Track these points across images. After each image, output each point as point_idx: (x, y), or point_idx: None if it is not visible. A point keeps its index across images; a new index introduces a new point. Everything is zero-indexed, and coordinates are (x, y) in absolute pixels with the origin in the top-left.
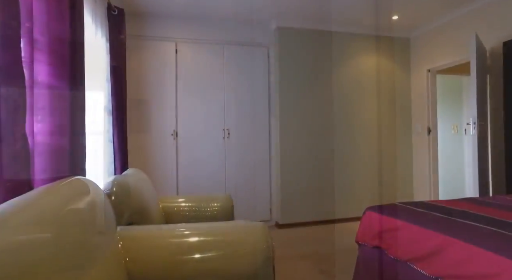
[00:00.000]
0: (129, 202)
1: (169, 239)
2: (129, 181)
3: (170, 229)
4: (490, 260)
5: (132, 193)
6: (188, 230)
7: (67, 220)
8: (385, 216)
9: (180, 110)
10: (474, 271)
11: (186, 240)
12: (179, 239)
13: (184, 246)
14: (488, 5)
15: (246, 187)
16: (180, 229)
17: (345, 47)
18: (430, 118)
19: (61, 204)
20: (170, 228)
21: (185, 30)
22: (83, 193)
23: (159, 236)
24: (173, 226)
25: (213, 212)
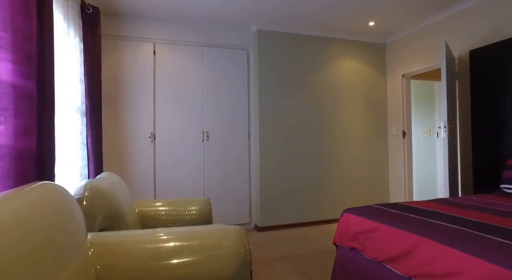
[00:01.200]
0: (102, 207)
1: (143, 244)
2: (103, 185)
3: (144, 234)
4: (458, 258)
5: (105, 197)
6: (163, 235)
7: (29, 227)
8: (361, 218)
9: (158, 112)
10: (443, 269)
11: (161, 245)
12: (154, 244)
13: (158, 252)
14: (455, 16)
15: (225, 190)
16: (154, 234)
17: (324, 51)
18: (405, 121)
19: (23, 210)
20: (145, 233)
21: (163, 31)
22: (49, 199)
23: (133, 241)
24: (148, 231)
25: (191, 216)
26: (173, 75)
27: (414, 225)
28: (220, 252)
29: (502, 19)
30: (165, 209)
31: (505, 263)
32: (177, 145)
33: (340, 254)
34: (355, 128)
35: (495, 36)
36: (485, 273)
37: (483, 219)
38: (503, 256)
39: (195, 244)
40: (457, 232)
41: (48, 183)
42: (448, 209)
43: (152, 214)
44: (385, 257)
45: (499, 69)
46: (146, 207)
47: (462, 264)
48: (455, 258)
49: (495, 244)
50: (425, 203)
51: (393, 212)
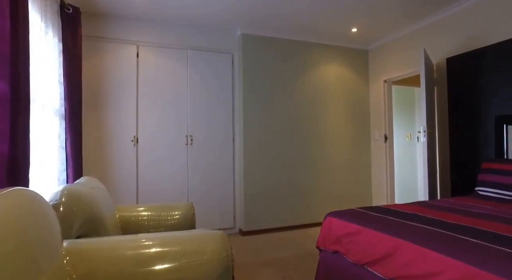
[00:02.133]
0: (80, 213)
1: (123, 251)
2: (81, 190)
3: (124, 240)
4: (435, 260)
5: (83, 202)
6: (144, 240)
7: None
8: (343, 221)
9: (141, 116)
10: (422, 270)
11: (142, 252)
12: (134, 250)
13: (139, 258)
14: (434, 25)
15: (209, 194)
16: (135, 240)
17: (308, 56)
18: (387, 126)
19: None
20: (125, 239)
21: (147, 34)
22: (20, 205)
23: (112, 248)
24: (128, 237)
25: (174, 221)
26: (157, 78)
27: (394, 228)
28: (202, 257)
29: (476, 29)
30: (147, 214)
31: (479, 264)
32: (161, 149)
33: (323, 258)
34: (338, 132)
35: (470, 45)
36: (461, 274)
37: (459, 221)
38: (477, 256)
39: (177, 250)
40: (435, 234)
41: (20, 189)
42: (427, 211)
43: (133, 219)
44: (366, 260)
45: (474, 76)
46: (127, 212)
47: (439, 265)
48: (433, 260)
49: (470, 245)
50: (406, 206)
51: (375, 216)
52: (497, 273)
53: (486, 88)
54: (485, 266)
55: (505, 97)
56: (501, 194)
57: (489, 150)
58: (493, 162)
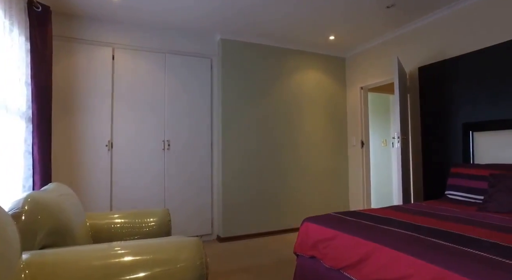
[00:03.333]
0: (45, 222)
1: (90, 261)
2: (48, 197)
3: (92, 250)
4: (407, 263)
5: (49, 211)
6: (114, 249)
7: None
8: (320, 226)
9: (116, 120)
10: (395, 274)
11: (111, 262)
12: (102, 261)
13: (108, 269)
14: (407, 35)
15: (186, 201)
16: (104, 249)
17: (287, 62)
18: (363, 132)
19: None
20: (93, 248)
21: (123, 36)
22: None
23: (78, 259)
24: (97, 246)
25: (149, 228)
26: (134, 82)
27: (369, 232)
28: (175, 265)
29: (446, 40)
30: (121, 221)
31: (448, 266)
32: (137, 154)
33: (300, 263)
34: (316, 138)
35: (440, 55)
36: (432, 276)
37: (431, 224)
38: (446, 259)
39: (149, 258)
40: (407, 237)
41: None
42: (400, 215)
43: (106, 227)
44: (342, 264)
45: (443, 85)
46: (99, 219)
47: (412, 268)
48: (405, 263)
49: (440, 248)
50: (381, 211)
51: (351, 220)
52: (465, 274)
53: (454, 97)
54: (454, 268)
55: (470, 105)
56: (468, 197)
57: (457, 155)
58: (461, 167)
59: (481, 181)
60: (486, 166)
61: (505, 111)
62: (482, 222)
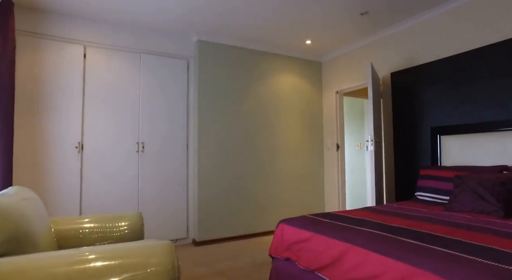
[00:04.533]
0: (2, 228)
1: (50, 269)
2: (6, 202)
3: (54, 257)
4: (378, 261)
5: (6, 217)
6: (78, 255)
7: None
8: (295, 228)
9: (88, 121)
10: (367, 273)
11: (74, 268)
12: (65, 268)
13: (71, 276)
14: (380, 41)
15: (161, 204)
16: (67, 256)
17: (264, 65)
18: (339, 135)
19: None
20: (55, 255)
21: (96, 34)
22: None
23: (37, 267)
24: (60, 252)
25: (120, 232)
26: (106, 82)
27: (343, 233)
28: (146, 270)
29: (416, 48)
30: (90, 226)
31: (417, 263)
32: (109, 156)
33: (276, 266)
34: (293, 141)
35: (411, 62)
36: (401, 274)
37: (401, 224)
38: (415, 256)
39: (117, 263)
40: (379, 237)
41: None
42: (373, 216)
43: (73, 232)
44: (317, 265)
45: (413, 90)
46: (66, 225)
47: (382, 266)
48: (377, 261)
49: (410, 246)
50: (354, 212)
51: (326, 222)
52: (429, 269)
53: (423, 101)
54: (420, 264)
55: (438, 110)
56: (436, 198)
57: (426, 157)
58: (429, 169)
59: (447, 182)
60: (451, 168)
61: (469, 116)
62: (448, 221)
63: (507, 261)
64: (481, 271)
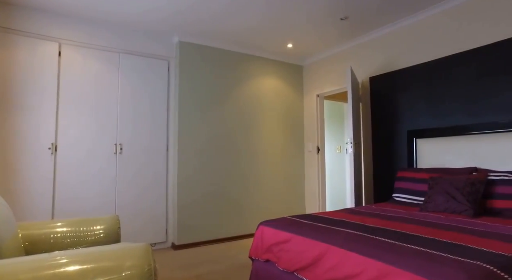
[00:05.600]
0: None
1: (16, 276)
2: None
3: (20, 262)
4: (356, 261)
5: None
6: (47, 260)
7: None
8: (275, 230)
9: (62, 121)
10: (345, 272)
11: (43, 274)
12: (32, 273)
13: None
14: (360, 46)
15: (139, 207)
16: (35, 261)
17: (246, 67)
18: (319, 138)
19: None
20: (22, 260)
21: (72, 31)
22: None
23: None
24: (27, 258)
25: (96, 236)
26: (83, 81)
27: (322, 233)
28: (120, 274)
29: (393, 53)
30: (62, 230)
31: (393, 261)
32: (85, 158)
33: (255, 268)
34: (274, 144)
35: (389, 67)
36: (378, 272)
37: (378, 224)
38: (391, 255)
39: (89, 267)
40: (357, 237)
41: None
42: (352, 217)
43: (44, 237)
44: (296, 266)
45: (391, 94)
46: (36, 229)
47: (360, 266)
48: (355, 261)
49: (386, 246)
50: (334, 213)
51: (305, 223)
52: (404, 267)
53: (400, 105)
54: (396, 262)
55: (415, 114)
56: (412, 199)
57: (403, 160)
58: (405, 171)
59: (423, 184)
60: (426, 170)
61: (442, 120)
62: (422, 221)
63: (474, 257)
64: (450, 267)
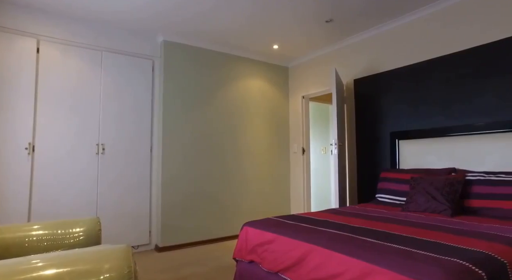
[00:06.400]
0: None
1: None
2: None
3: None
4: (340, 260)
5: None
6: (20, 264)
7: None
8: (259, 230)
9: (41, 120)
10: (328, 272)
11: (16, 279)
12: (5, 279)
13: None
14: (344, 48)
15: (122, 209)
16: (6, 265)
17: (232, 68)
18: (304, 139)
19: None
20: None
21: (52, 28)
22: None
23: None
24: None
25: (75, 239)
26: (63, 79)
27: (306, 234)
28: (98, 277)
29: (377, 56)
30: (38, 233)
31: (375, 260)
32: (64, 159)
33: (239, 269)
34: (260, 145)
35: (373, 69)
36: (360, 271)
37: (361, 224)
38: (373, 254)
39: (65, 271)
40: (341, 237)
41: None
42: (336, 217)
43: (17, 241)
44: (280, 267)
45: (374, 96)
46: (9, 233)
47: (343, 265)
48: (338, 261)
49: (368, 245)
50: (318, 214)
51: (290, 223)
52: (387, 267)
53: (383, 107)
54: (378, 261)
55: (397, 116)
56: (394, 199)
57: (386, 161)
58: (388, 172)
59: (405, 184)
60: (408, 171)
61: (423, 122)
62: (404, 220)
63: (451, 254)
64: (429, 264)
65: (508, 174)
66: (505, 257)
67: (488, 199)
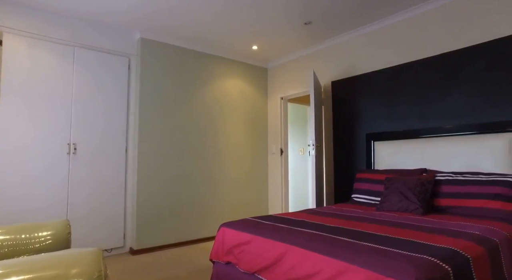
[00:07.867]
0: None
1: None
2: None
3: None
4: (316, 260)
5: None
6: None
7: None
8: (236, 231)
9: (4, 118)
10: (305, 271)
11: None
12: None
13: None
14: (323, 51)
15: (95, 212)
16: None
17: (210, 68)
18: (282, 140)
19: None
20: None
21: (18, 19)
22: None
23: None
24: None
25: (41, 244)
26: (31, 75)
27: (283, 234)
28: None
29: (354, 59)
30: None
31: (349, 259)
32: (32, 159)
33: (216, 270)
34: (238, 145)
35: (350, 72)
36: (336, 270)
37: (337, 224)
38: (348, 253)
39: (28, 278)
40: (317, 237)
41: None
42: (312, 217)
43: None
44: (257, 268)
45: (351, 98)
46: None
47: (319, 264)
48: (314, 260)
49: (343, 244)
50: (295, 214)
51: (267, 224)
52: (362, 265)
53: (360, 109)
54: (352, 260)
55: (373, 118)
56: (369, 199)
57: (362, 162)
58: (364, 173)
59: (379, 184)
60: (383, 171)
61: (397, 124)
62: (378, 219)
63: (421, 251)
64: (401, 261)
65: (474, 174)
66: (468, 252)
67: (456, 198)
